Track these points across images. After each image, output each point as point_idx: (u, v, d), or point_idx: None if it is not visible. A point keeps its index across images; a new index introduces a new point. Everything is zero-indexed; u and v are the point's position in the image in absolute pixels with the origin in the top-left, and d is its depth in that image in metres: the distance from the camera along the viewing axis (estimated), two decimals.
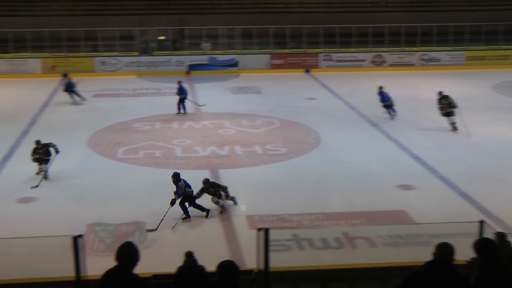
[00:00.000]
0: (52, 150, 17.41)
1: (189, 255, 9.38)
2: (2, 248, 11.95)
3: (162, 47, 36.11)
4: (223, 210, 14.82)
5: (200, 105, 25.28)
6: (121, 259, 6.24)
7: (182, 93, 24.89)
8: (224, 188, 15.08)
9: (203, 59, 35.26)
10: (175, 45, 36.80)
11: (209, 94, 29.19)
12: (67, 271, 8.45)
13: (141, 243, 13.01)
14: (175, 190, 14.42)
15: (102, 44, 34.78)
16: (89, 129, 22.56)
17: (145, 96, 28.72)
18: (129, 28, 34.86)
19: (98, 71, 33.97)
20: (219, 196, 14.80)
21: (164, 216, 13.98)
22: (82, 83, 28.58)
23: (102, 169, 18.31)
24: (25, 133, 22.10)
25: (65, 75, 32.57)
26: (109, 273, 6.32)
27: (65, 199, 15.89)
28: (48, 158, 17.27)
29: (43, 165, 17.07)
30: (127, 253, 6.27)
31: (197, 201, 14.69)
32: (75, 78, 28.75)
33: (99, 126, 23.05)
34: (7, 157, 19.31)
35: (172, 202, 14.27)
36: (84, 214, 14.67)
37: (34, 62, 33.48)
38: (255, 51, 36.04)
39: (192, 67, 34.90)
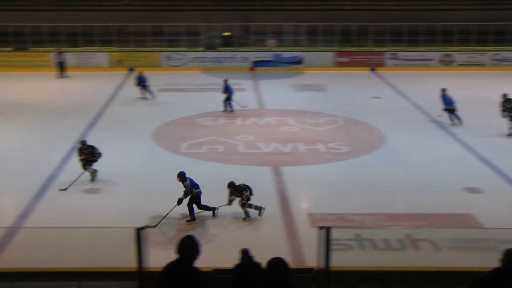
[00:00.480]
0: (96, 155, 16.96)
1: (245, 252, 9.32)
2: (67, 237, 12.24)
3: (227, 43, 36.32)
4: (246, 216, 14.17)
5: (242, 107, 25.07)
6: (183, 252, 6.24)
7: (227, 92, 24.80)
8: (250, 191, 14.28)
9: (267, 55, 35.25)
10: (240, 41, 36.94)
11: (273, 91, 29.14)
12: (129, 262, 8.53)
13: (202, 237, 13.05)
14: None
15: (168, 39, 35.22)
16: (154, 123, 22.86)
17: (209, 92, 28.89)
18: (195, 24, 35.16)
19: (164, 66, 34.42)
20: (248, 199, 14.19)
21: (167, 214, 13.93)
22: (150, 77, 28.97)
23: (166, 163, 18.48)
24: (91, 125, 22.59)
25: (131, 69, 33.15)
26: (170, 265, 6.33)
27: (129, 191, 16.11)
28: (94, 159, 16.90)
29: (88, 167, 16.87)
30: (189, 247, 6.26)
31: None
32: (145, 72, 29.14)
33: (163, 120, 23.32)
34: (73, 148, 19.74)
35: (179, 201, 14.06)
36: (147, 207, 14.85)
37: (102, 56, 34.20)
38: (320, 48, 35.80)
39: (257, 64, 34.94)
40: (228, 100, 24.76)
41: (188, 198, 14.22)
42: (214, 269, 9.00)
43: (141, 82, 26.96)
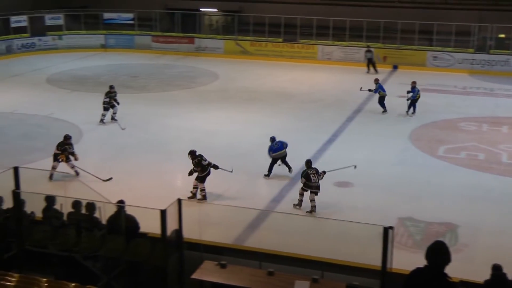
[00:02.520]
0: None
1: (497, 269, 8.55)
2: (315, 226, 12.45)
3: (501, 45, 34.03)
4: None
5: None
6: (433, 258, 5.86)
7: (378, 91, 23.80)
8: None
9: None
10: None
11: None
12: (373, 260, 8.32)
13: (452, 245, 12.34)
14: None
15: (436, 39, 34.11)
16: (412, 123, 22.32)
17: (475, 95, 27.41)
18: (467, 24, 33.51)
19: (429, 66, 33.41)
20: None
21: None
22: (411, 77, 28.37)
23: (420, 165, 17.92)
24: (349, 119, 22.76)
25: (395, 67, 32.77)
26: (419, 270, 5.99)
27: (380, 189, 15.90)
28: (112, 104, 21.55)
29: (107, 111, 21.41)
30: (441, 253, 5.87)
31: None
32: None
33: (423, 121, 22.64)
34: (330, 140, 20.07)
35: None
36: (396, 207, 14.54)
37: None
38: None
39: None
40: (381, 100, 23.77)
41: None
42: (460, 280, 8.44)
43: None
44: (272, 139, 17.09)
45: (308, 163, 14.60)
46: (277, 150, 16.88)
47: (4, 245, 10.59)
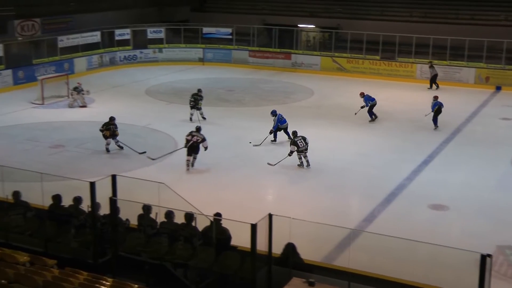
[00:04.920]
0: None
1: None
2: (407, 248, 12.08)
3: None
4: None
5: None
6: None
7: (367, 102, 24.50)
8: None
9: None
10: None
11: None
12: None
13: None
14: None
15: None
16: None
17: None
18: None
19: None
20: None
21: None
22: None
23: None
24: (447, 140, 22.08)
25: (498, 88, 31.58)
26: None
27: (477, 214, 15.32)
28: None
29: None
30: None
31: None
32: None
33: None
34: (426, 161, 19.53)
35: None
36: (494, 233, 13.93)
37: (468, 72, 33.20)
38: None
39: None
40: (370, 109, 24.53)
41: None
42: None
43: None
44: (274, 113, 21.28)
45: (295, 133, 18.73)
46: (284, 122, 21.04)
47: (100, 250, 10.92)
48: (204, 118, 23.62)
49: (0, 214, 12.29)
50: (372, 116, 24.49)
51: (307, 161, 18.52)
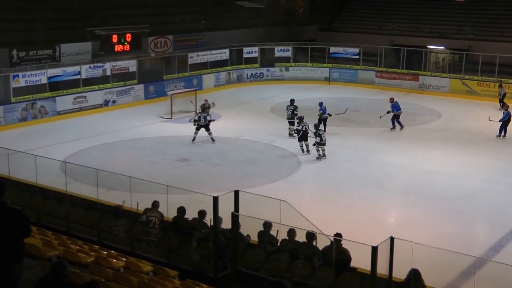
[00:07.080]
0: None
1: None
2: None
3: None
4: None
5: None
6: None
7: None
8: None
9: None
10: None
11: None
12: None
13: None
14: None
15: None
16: None
17: None
18: None
19: None
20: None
21: None
22: None
23: None
24: None
25: None
26: None
27: None
28: None
29: None
30: None
31: None
32: None
33: None
34: None
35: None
36: None
37: None
38: None
39: None
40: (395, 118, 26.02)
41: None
42: None
43: None
44: (320, 103, 24.80)
45: (318, 127, 21.66)
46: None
47: (221, 264, 11.18)
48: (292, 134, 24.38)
49: (128, 223, 12.87)
50: (394, 124, 25.94)
51: (324, 153, 21.22)
